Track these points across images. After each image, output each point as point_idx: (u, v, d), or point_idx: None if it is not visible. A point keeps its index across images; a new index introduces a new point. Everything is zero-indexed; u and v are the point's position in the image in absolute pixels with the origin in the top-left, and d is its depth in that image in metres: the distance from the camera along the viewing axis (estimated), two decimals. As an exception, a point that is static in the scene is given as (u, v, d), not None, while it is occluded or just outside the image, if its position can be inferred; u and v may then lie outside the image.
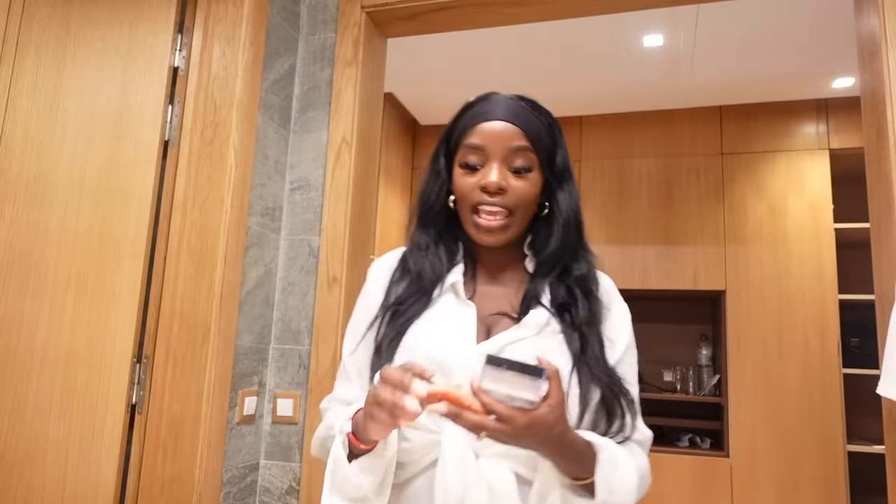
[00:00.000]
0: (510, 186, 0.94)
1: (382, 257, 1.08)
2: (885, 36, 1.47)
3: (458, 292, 0.97)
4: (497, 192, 0.93)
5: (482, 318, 0.95)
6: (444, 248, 1.00)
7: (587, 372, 0.90)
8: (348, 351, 1.03)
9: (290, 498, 1.72)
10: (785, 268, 3.29)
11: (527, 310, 0.95)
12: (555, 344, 0.92)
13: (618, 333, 0.98)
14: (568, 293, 0.96)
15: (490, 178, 0.93)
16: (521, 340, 0.91)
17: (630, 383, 0.96)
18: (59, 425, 1.54)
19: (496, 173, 0.93)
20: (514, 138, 0.94)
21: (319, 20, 1.98)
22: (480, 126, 0.96)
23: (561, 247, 0.97)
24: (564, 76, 3.29)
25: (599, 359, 0.92)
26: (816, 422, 3.13)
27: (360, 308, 1.05)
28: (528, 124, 0.96)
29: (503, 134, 0.94)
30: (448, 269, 0.99)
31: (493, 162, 0.94)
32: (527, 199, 0.95)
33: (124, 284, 1.58)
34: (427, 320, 0.95)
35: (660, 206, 3.55)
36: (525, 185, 0.95)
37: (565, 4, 1.90)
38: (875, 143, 1.52)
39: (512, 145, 0.94)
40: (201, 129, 1.66)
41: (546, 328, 0.93)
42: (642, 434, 0.98)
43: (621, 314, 1.01)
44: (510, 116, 0.95)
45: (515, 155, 0.94)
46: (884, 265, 1.49)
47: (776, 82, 3.27)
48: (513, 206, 0.94)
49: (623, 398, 0.92)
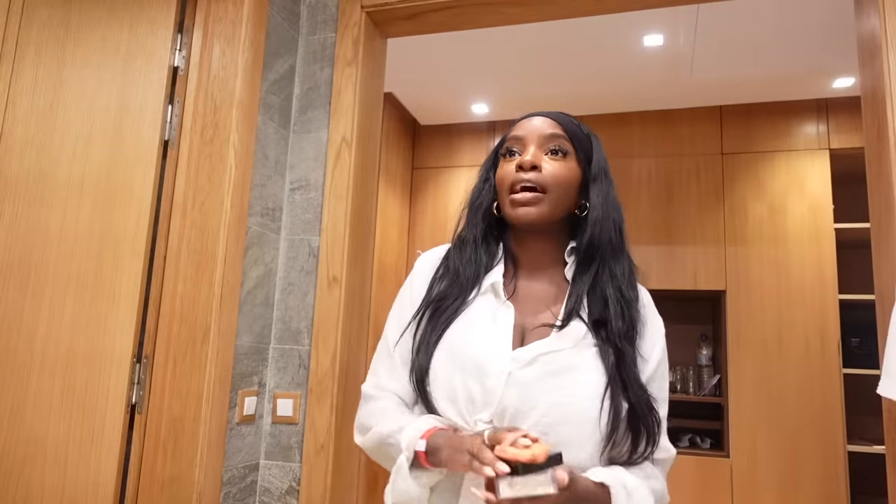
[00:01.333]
0: (543, 166, 0.99)
1: (428, 252, 1.11)
2: (885, 36, 1.46)
3: (498, 292, 0.99)
4: (531, 169, 0.99)
5: (519, 321, 0.97)
6: (486, 247, 1.03)
7: (619, 389, 0.91)
8: (393, 340, 1.05)
9: (290, 498, 1.72)
10: (785, 268, 3.29)
11: (566, 318, 0.96)
12: (589, 356, 0.93)
13: (650, 350, 0.99)
14: (605, 306, 0.97)
15: (525, 157, 0.99)
16: (556, 352, 0.93)
17: (659, 402, 0.97)
18: (59, 425, 1.54)
19: (531, 153, 1.00)
20: (550, 127, 1.02)
21: (319, 20, 1.97)
22: (521, 122, 1.06)
23: (592, 244, 0.99)
24: (564, 76, 3.29)
25: (632, 376, 0.93)
26: (816, 422, 3.13)
27: (404, 300, 1.07)
28: (564, 120, 1.04)
29: (540, 125, 1.03)
30: (488, 269, 1.02)
31: (529, 146, 1.01)
32: (560, 179, 0.99)
33: (124, 284, 1.58)
34: (466, 320, 0.97)
35: (660, 206, 3.55)
36: (559, 166, 1.00)
37: (565, 4, 1.90)
38: (875, 143, 1.52)
39: (547, 132, 1.01)
40: (201, 128, 1.66)
41: (582, 341, 0.94)
42: (666, 452, 0.99)
43: (656, 330, 1.02)
44: (549, 115, 1.05)
45: (550, 140, 1.01)
46: (884, 265, 1.49)
47: (776, 82, 3.27)
48: (546, 183, 0.99)
49: (651, 418, 0.93)
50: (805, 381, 3.18)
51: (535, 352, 0.92)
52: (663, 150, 3.60)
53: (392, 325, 1.07)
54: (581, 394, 0.89)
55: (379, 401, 1.03)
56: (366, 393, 1.06)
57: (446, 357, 0.95)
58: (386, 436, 0.97)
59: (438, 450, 0.88)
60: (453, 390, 0.92)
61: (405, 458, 0.90)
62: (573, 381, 0.90)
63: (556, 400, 0.88)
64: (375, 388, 1.05)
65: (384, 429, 0.98)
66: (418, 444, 0.90)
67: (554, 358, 0.92)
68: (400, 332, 1.04)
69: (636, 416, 0.91)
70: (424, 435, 0.90)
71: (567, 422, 0.88)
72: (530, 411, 0.88)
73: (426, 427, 0.91)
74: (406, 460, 0.90)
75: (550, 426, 0.87)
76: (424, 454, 0.89)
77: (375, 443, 0.99)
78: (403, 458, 0.90)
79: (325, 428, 1.72)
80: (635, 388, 0.92)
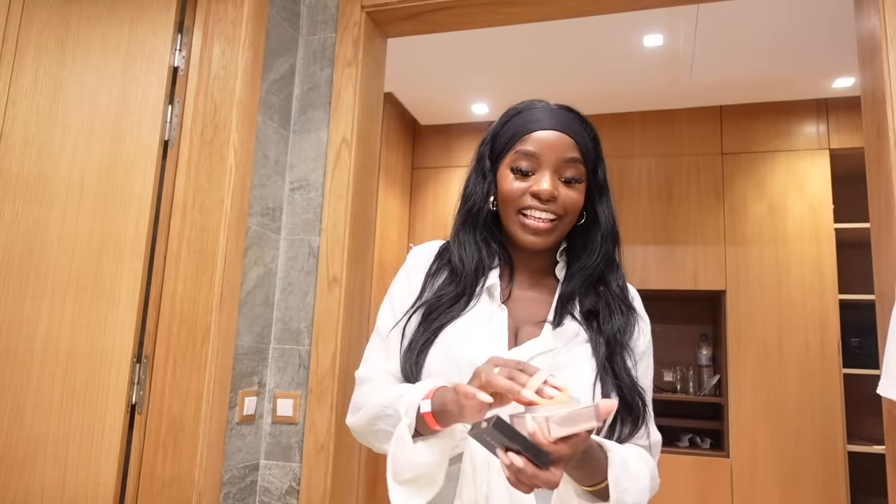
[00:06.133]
0: (560, 195, 0.96)
1: (421, 246, 1.09)
2: (885, 36, 1.46)
3: (494, 295, 0.99)
4: (549, 200, 0.96)
5: (512, 323, 0.97)
6: (485, 249, 1.01)
7: (610, 379, 0.92)
8: (387, 327, 1.03)
9: (290, 498, 1.72)
10: (785, 268, 3.29)
11: (559, 317, 0.96)
12: (582, 352, 0.94)
13: (636, 340, 1.01)
14: (597, 300, 0.98)
15: (543, 186, 0.95)
16: (550, 351, 0.93)
17: (645, 389, 0.99)
18: (59, 425, 1.54)
19: (549, 181, 0.95)
20: (568, 150, 0.97)
21: (319, 20, 1.97)
22: (535, 134, 0.97)
23: (595, 257, 1.00)
24: (564, 76, 3.29)
25: (622, 367, 0.94)
26: (816, 422, 3.13)
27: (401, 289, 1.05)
28: (579, 136, 0.99)
29: (557, 144, 0.97)
30: (486, 271, 1.01)
31: (545, 170, 0.96)
32: (574, 208, 0.98)
33: (124, 284, 1.58)
34: (462, 322, 0.96)
35: (660, 206, 3.55)
36: (574, 194, 0.98)
37: (565, 4, 1.90)
38: (875, 143, 1.52)
39: (565, 156, 0.97)
40: (201, 128, 1.66)
41: (575, 339, 0.95)
42: (653, 438, 0.99)
43: (643, 324, 1.04)
44: (563, 127, 0.98)
45: (567, 166, 0.97)
46: (884, 265, 1.49)
47: (776, 82, 3.27)
48: (561, 213, 0.97)
49: (639, 405, 0.94)
50: (805, 381, 3.18)
51: (530, 352, 0.92)
52: (663, 150, 3.60)
53: (385, 315, 1.04)
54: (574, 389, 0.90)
55: (374, 382, 1.00)
56: (360, 376, 1.02)
57: (441, 357, 0.94)
58: (383, 407, 0.91)
59: (446, 405, 0.81)
60: None
61: (405, 425, 0.84)
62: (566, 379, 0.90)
63: None
64: (370, 371, 1.02)
65: (381, 399, 0.93)
66: (422, 405, 0.84)
67: (549, 357, 0.92)
68: (395, 320, 1.02)
69: (626, 403, 0.92)
70: (427, 395, 0.85)
71: None
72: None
73: (428, 388, 0.86)
74: (407, 427, 0.84)
75: None
76: (432, 416, 0.83)
77: (371, 416, 0.94)
78: (403, 425, 0.84)
79: (325, 428, 1.72)
80: (624, 377, 0.93)
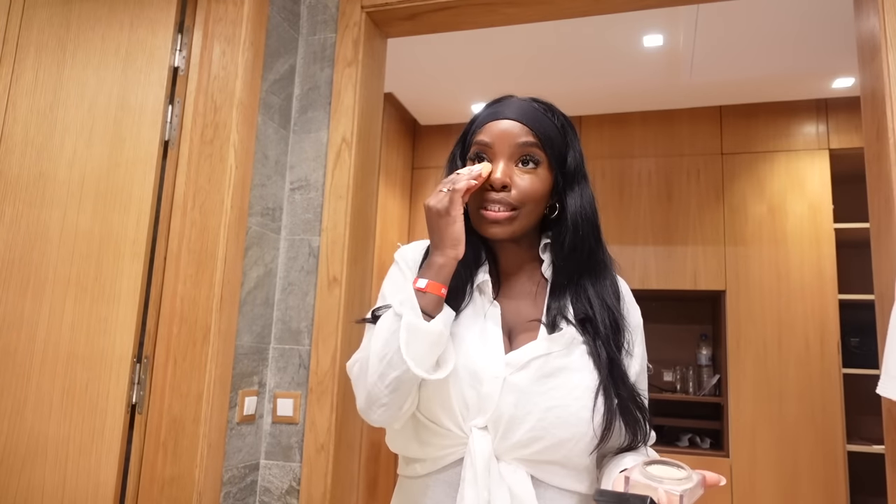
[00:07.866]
0: (515, 183, 0.95)
1: (410, 245, 1.07)
2: (885, 36, 1.47)
3: (485, 292, 0.98)
4: (501, 189, 0.94)
5: (504, 321, 0.97)
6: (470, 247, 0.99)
7: (611, 387, 0.91)
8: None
9: (290, 498, 1.72)
10: (785, 268, 3.29)
11: (552, 319, 0.95)
12: (579, 356, 0.93)
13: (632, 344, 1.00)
14: (590, 305, 0.97)
15: (495, 175, 0.94)
16: (548, 355, 0.92)
17: (643, 390, 0.99)
18: (60, 425, 1.54)
19: (501, 170, 0.94)
20: (520, 135, 0.96)
21: (319, 20, 1.98)
22: (490, 125, 0.98)
23: (573, 249, 0.97)
24: (564, 76, 3.29)
25: (621, 373, 0.94)
26: (816, 422, 3.13)
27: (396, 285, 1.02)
28: (536, 123, 0.97)
29: (509, 131, 0.96)
30: (475, 269, 1.00)
31: (499, 159, 0.95)
32: (532, 194, 0.95)
33: (124, 285, 1.58)
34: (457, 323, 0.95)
35: (660, 206, 3.55)
36: (531, 179, 0.95)
37: (565, 4, 1.90)
38: (875, 143, 1.52)
39: (517, 141, 0.95)
40: (201, 129, 1.66)
41: (572, 342, 0.94)
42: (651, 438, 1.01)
43: (636, 320, 1.03)
44: (519, 116, 0.97)
45: (521, 150, 0.95)
46: (884, 265, 1.49)
47: (776, 82, 3.27)
48: (517, 201, 0.94)
49: (641, 412, 0.94)
50: (805, 381, 3.18)
51: (528, 355, 0.91)
52: (663, 150, 3.60)
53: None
54: (574, 395, 0.90)
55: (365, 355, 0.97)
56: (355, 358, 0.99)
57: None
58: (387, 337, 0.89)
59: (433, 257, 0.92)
60: (447, 396, 0.91)
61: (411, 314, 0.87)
62: (565, 383, 0.90)
63: (551, 404, 0.89)
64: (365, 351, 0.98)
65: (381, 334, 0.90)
66: (418, 283, 0.90)
67: (547, 361, 0.91)
68: None
69: (628, 411, 0.92)
70: (414, 282, 0.91)
71: (562, 424, 0.88)
72: (526, 416, 0.88)
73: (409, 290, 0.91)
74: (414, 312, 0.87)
75: (546, 430, 0.88)
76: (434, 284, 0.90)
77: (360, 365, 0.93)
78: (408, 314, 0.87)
79: (326, 428, 1.72)
80: (625, 385, 0.93)
